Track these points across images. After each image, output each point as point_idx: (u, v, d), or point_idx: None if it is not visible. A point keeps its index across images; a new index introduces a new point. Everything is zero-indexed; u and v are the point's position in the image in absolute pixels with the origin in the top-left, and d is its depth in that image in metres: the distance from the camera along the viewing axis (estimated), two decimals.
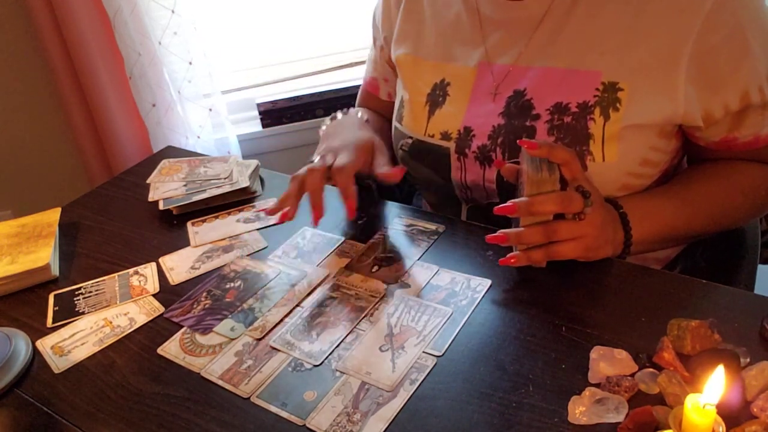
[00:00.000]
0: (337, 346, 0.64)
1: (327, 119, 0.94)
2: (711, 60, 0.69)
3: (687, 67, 0.69)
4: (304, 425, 0.56)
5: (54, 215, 0.90)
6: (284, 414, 0.58)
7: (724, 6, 0.67)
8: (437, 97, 0.85)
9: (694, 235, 0.79)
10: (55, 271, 0.81)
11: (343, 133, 0.85)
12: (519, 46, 0.79)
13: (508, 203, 0.65)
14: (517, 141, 0.68)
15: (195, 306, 0.72)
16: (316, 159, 0.78)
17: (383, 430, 0.55)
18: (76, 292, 0.78)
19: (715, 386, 0.43)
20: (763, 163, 0.78)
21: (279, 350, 0.65)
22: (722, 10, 0.67)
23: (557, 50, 0.76)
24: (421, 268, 0.73)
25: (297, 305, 0.70)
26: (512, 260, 0.68)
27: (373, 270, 0.74)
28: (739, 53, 0.69)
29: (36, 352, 0.69)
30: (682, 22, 0.68)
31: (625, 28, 0.72)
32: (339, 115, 0.94)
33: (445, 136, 0.83)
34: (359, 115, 0.93)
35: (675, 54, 0.69)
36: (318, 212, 0.74)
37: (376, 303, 0.69)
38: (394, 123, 0.92)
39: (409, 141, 0.87)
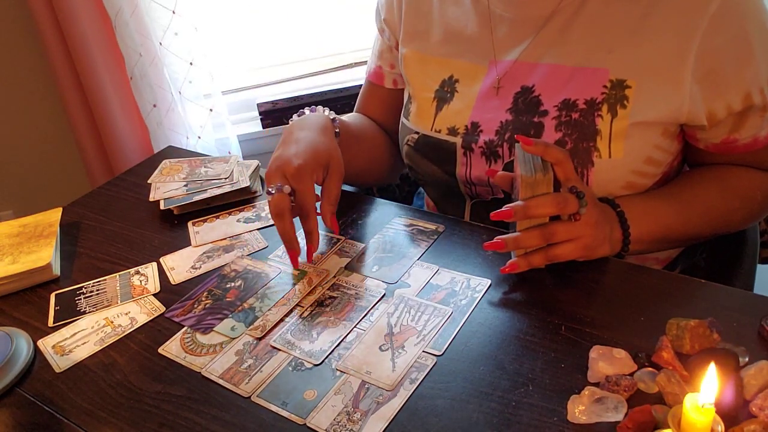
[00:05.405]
0: (337, 345, 0.64)
1: (294, 116, 0.86)
2: (715, 60, 0.70)
3: (693, 66, 0.70)
4: (305, 424, 0.56)
5: (55, 215, 0.90)
6: (285, 413, 0.58)
7: (728, 9, 0.68)
8: (445, 93, 0.85)
9: (690, 237, 0.79)
10: (57, 270, 0.82)
11: (302, 136, 0.79)
12: (525, 43, 0.79)
13: (504, 208, 0.65)
14: (515, 136, 0.68)
15: (196, 305, 0.73)
16: (274, 190, 0.73)
17: (383, 429, 0.55)
18: (78, 292, 0.78)
19: (710, 384, 0.43)
20: (759, 169, 0.79)
21: (279, 349, 0.65)
22: (726, 13, 0.68)
23: (565, 48, 0.76)
24: (421, 268, 0.73)
25: (297, 305, 0.71)
26: (508, 269, 0.68)
27: (373, 270, 0.74)
28: (742, 55, 0.70)
29: (37, 352, 0.69)
30: (688, 22, 0.69)
31: (632, 27, 0.72)
32: (306, 112, 0.86)
33: (452, 131, 0.83)
34: (326, 113, 0.86)
35: (682, 52, 0.70)
36: (294, 253, 0.75)
37: (376, 303, 0.69)
38: (402, 119, 0.92)
39: (415, 136, 0.87)
